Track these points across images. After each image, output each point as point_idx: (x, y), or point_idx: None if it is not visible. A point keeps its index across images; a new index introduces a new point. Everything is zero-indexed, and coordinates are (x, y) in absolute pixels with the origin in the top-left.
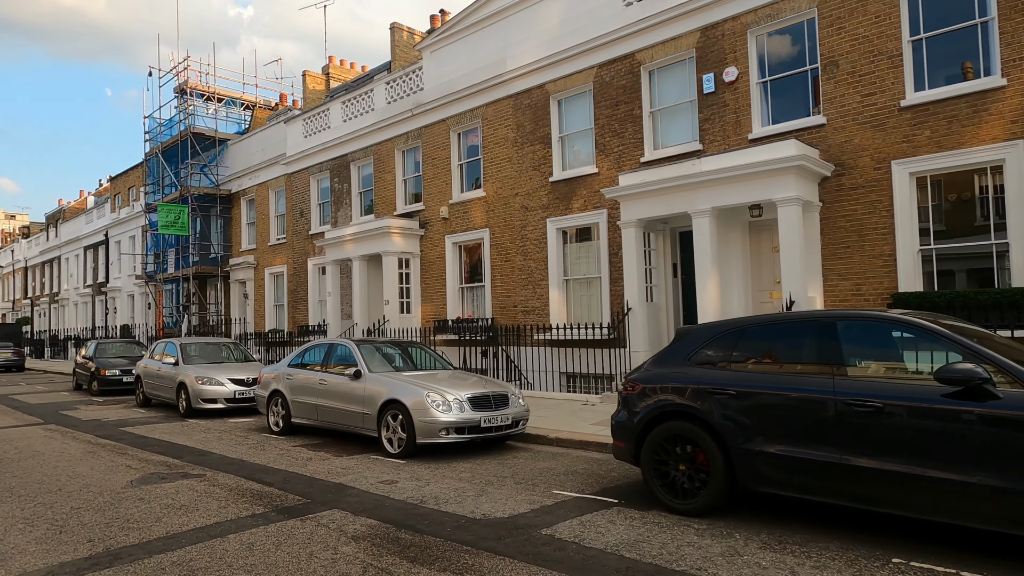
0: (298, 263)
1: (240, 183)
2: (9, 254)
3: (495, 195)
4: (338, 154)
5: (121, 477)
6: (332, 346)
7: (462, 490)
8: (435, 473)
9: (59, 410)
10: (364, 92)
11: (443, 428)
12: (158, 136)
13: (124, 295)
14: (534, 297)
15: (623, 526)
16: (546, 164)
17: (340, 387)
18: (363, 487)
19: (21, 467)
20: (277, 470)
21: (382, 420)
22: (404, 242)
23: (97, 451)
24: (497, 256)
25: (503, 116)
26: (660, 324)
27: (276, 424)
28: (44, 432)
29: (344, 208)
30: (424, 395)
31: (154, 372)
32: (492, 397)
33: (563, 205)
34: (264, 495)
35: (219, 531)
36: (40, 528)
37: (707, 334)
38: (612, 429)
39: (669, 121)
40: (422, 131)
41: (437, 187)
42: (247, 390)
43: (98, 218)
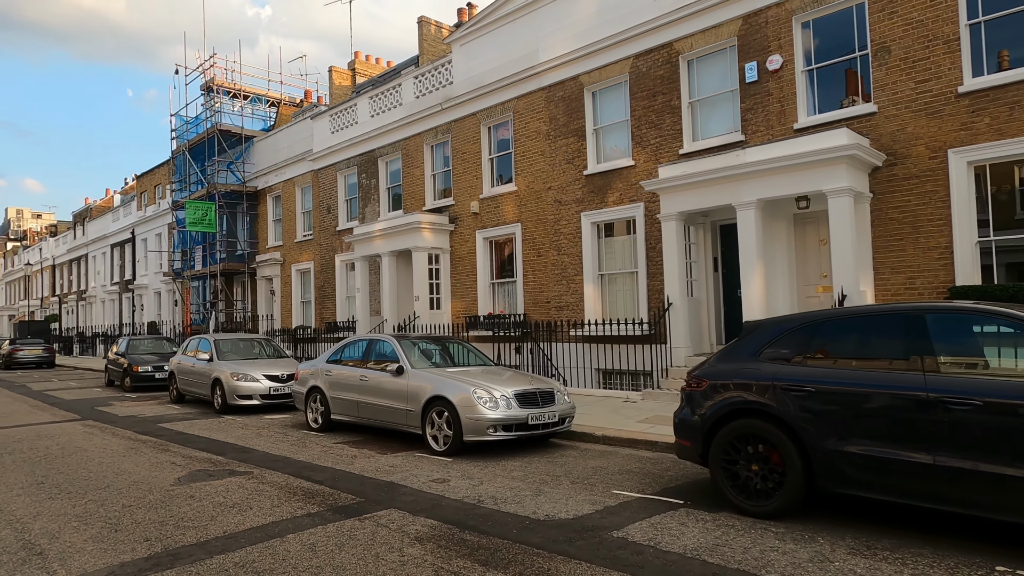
0: (325, 259)
1: (266, 180)
2: (37, 252)
3: (527, 189)
4: (365, 149)
5: (167, 474)
6: (372, 342)
7: (518, 490)
8: (486, 472)
9: (95, 406)
10: (392, 87)
11: (491, 425)
12: (184, 134)
13: (151, 292)
14: (568, 292)
15: (696, 529)
16: (580, 157)
17: (382, 383)
18: (415, 486)
19: (66, 463)
20: (324, 468)
21: (426, 417)
22: (434, 237)
23: (139, 447)
24: (529, 251)
25: (535, 109)
26: (701, 319)
27: (315, 421)
28: (83, 428)
29: (372, 204)
30: (471, 391)
31: (188, 368)
32: (539, 394)
33: (598, 199)
34: (316, 493)
35: (277, 531)
36: (94, 526)
37: (780, 328)
38: (675, 427)
39: (709, 112)
40: (451, 125)
41: (467, 182)
42: (282, 386)
43: (124, 216)
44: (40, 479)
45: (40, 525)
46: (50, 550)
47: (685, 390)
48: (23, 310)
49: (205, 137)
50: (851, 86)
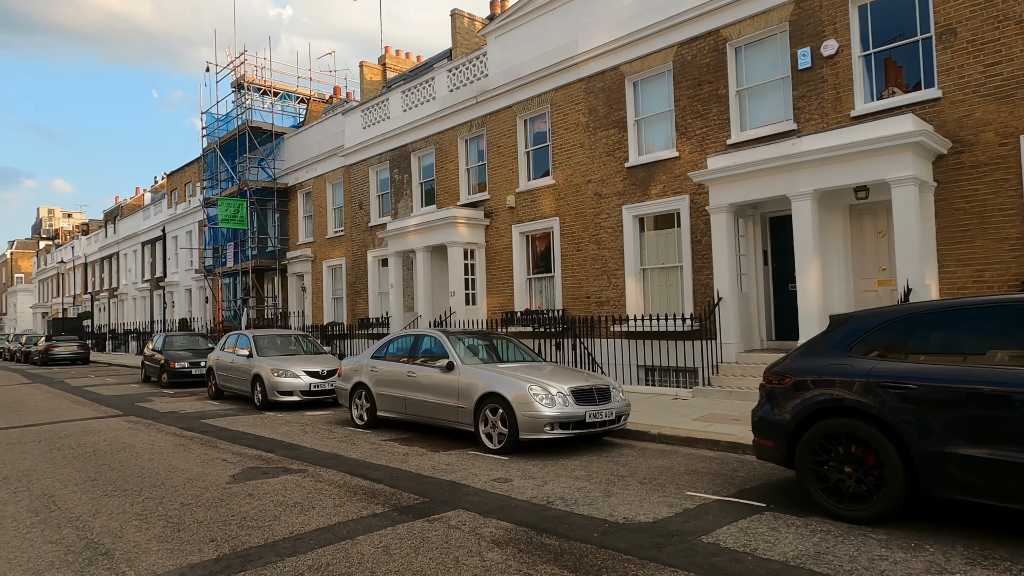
0: (357, 255)
1: (296, 176)
2: (69, 250)
3: (565, 182)
4: (398, 144)
5: (220, 471)
6: (419, 338)
7: (586, 490)
8: (547, 471)
9: (135, 402)
10: (425, 81)
11: (548, 423)
12: (215, 131)
13: (181, 289)
14: (608, 287)
15: (790, 535)
16: (621, 149)
17: (431, 380)
18: (478, 485)
19: (116, 459)
20: (378, 466)
21: (479, 414)
22: (469, 232)
23: (186, 444)
24: (568, 245)
25: (574, 100)
26: (750, 314)
27: (360, 417)
28: (127, 424)
29: (404, 199)
30: (527, 388)
31: (227, 364)
32: (595, 391)
33: (640, 191)
34: (376, 493)
35: (346, 532)
36: (156, 525)
37: (873, 321)
38: (754, 426)
39: (758, 100)
40: (486, 119)
41: (503, 176)
42: (322, 382)
43: (155, 214)
44: (93, 475)
45: (101, 523)
46: (115, 550)
47: (765, 387)
48: (56, 307)
49: (236, 134)
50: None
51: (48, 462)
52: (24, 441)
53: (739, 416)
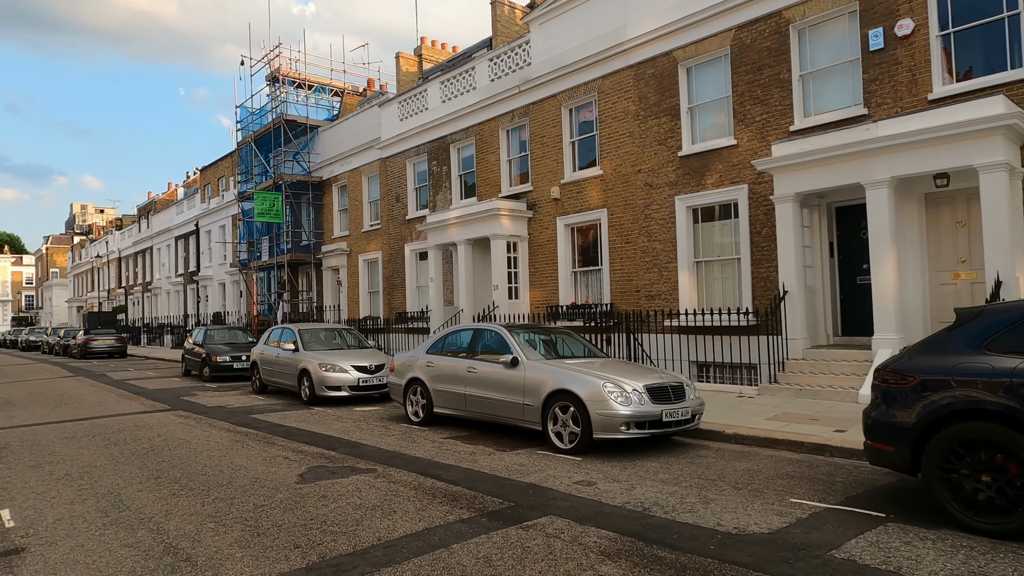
0: (394, 249)
1: (331, 169)
2: (103, 245)
3: (614, 173)
4: (436, 136)
5: (285, 470)
6: (477, 332)
7: (680, 496)
8: (628, 474)
9: (180, 396)
10: (464, 71)
11: (624, 423)
12: (249, 125)
13: (215, 283)
14: (660, 281)
15: (929, 550)
16: (673, 137)
17: (494, 376)
18: (561, 489)
19: (175, 456)
20: (449, 466)
21: (548, 412)
22: (512, 225)
23: (243, 440)
24: (616, 238)
25: (623, 88)
26: (816, 309)
27: (415, 414)
28: (177, 419)
29: (443, 192)
30: (601, 385)
31: (272, 359)
32: (670, 388)
33: (694, 181)
34: (457, 496)
35: (437, 540)
36: (234, 528)
37: (1011, 316)
38: (867, 429)
39: (823, 84)
40: (529, 108)
41: (546, 166)
42: (370, 377)
43: (188, 209)
44: (155, 473)
45: (175, 525)
46: (196, 555)
47: (880, 387)
48: (91, 302)
49: (271, 127)
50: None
51: (106, 458)
52: (78, 436)
53: (816, 415)
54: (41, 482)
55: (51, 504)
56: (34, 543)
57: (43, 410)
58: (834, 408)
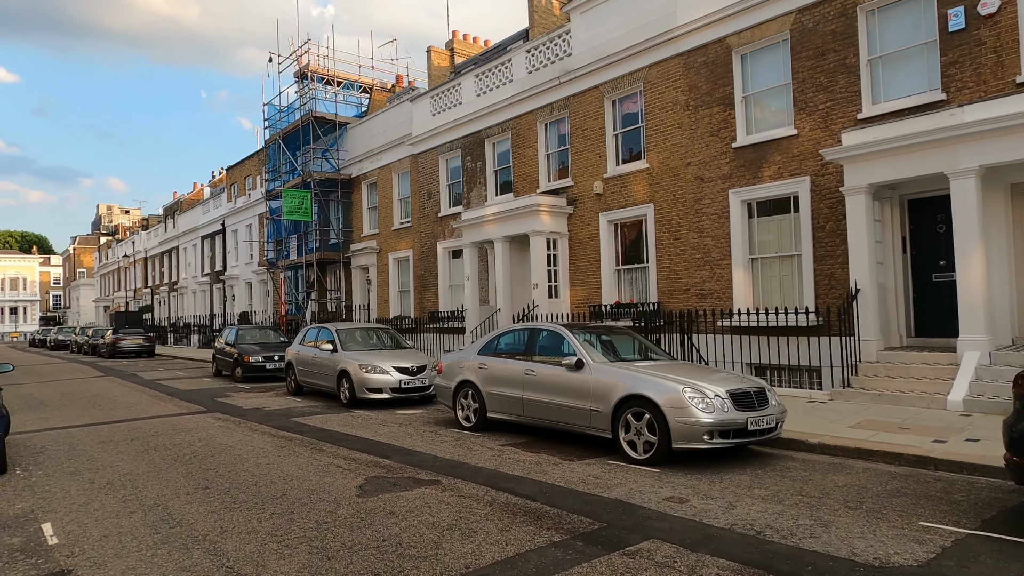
0: (426, 247)
1: (360, 167)
2: (130, 245)
3: (661, 166)
4: (470, 131)
5: (341, 481)
6: (535, 332)
7: (792, 517)
8: (719, 489)
9: (214, 397)
10: (500, 63)
11: (707, 431)
12: (277, 123)
13: (241, 283)
14: (712, 279)
15: None
16: (727, 128)
17: (555, 379)
18: (652, 506)
19: (220, 463)
20: (518, 478)
21: (619, 419)
22: (552, 221)
23: (288, 446)
24: (664, 234)
25: (671, 77)
26: (887, 308)
27: (466, 418)
28: (215, 421)
29: (477, 188)
30: (680, 391)
31: (309, 359)
32: (754, 393)
33: (749, 174)
34: (539, 514)
35: (533, 568)
36: (299, 551)
37: None
38: (1012, 444)
39: (894, 69)
40: (569, 100)
41: (588, 160)
42: (412, 379)
43: (214, 208)
44: (202, 482)
45: (233, 545)
46: None
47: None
48: (117, 301)
49: (300, 124)
50: None
51: (148, 464)
52: (116, 439)
53: (905, 424)
54: (82, 491)
55: (95, 518)
56: (81, 564)
57: (77, 411)
58: (921, 416)
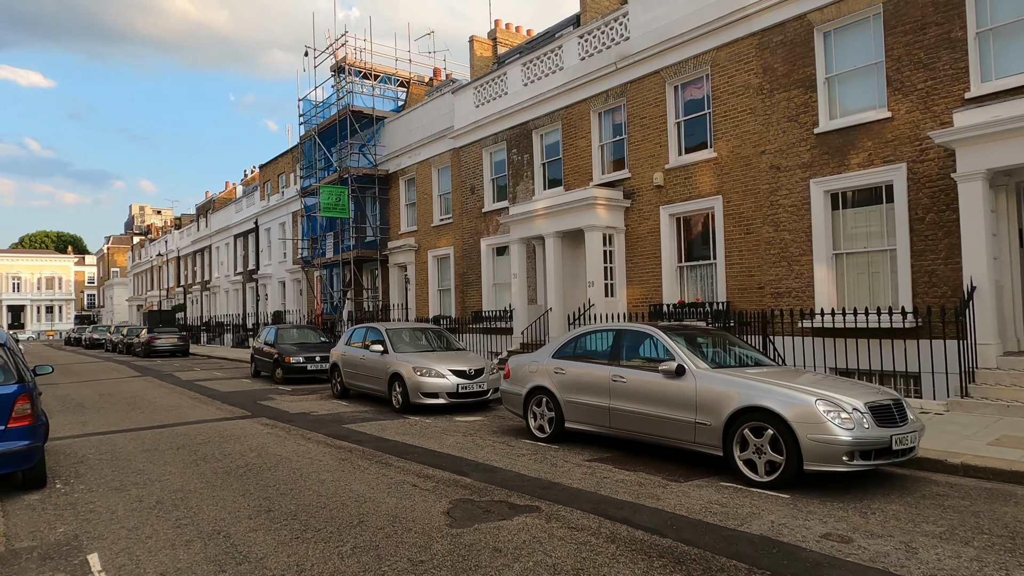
0: (468, 244)
1: (398, 162)
2: (163, 244)
3: (731, 155)
4: (517, 122)
5: (423, 504)
6: (621, 334)
7: (999, 565)
8: (877, 523)
9: (256, 400)
10: (549, 51)
11: (847, 451)
12: (313, 118)
13: (275, 281)
14: (790, 276)
15: None
16: (807, 113)
17: (651, 387)
18: (812, 547)
19: (278, 479)
20: (627, 504)
21: (733, 434)
22: (608, 215)
23: (350, 459)
24: (734, 228)
25: (742, 59)
26: (1003, 308)
27: (540, 428)
28: (263, 428)
29: (524, 182)
30: (813, 403)
31: (356, 361)
32: (894, 406)
33: (834, 162)
34: (678, 555)
35: None
36: None
37: None
38: None
39: (1008, 43)
40: (626, 87)
41: (647, 150)
42: (470, 383)
43: (247, 207)
44: (264, 504)
45: None
46: None
47: None
48: (150, 300)
49: (336, 119)
50: None
51: (199, 479)
52: (160, 447)
53: None
54: (130, 512)
55: (148, 547)
56: None
57: (116, 415)
58: None
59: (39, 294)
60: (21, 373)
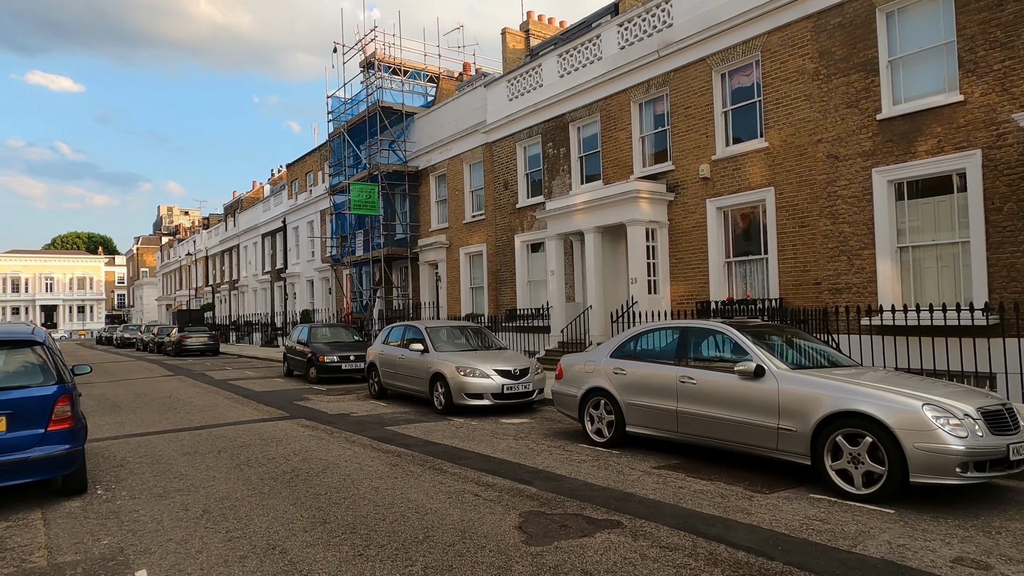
0: (501, 240)
1: (429, 158)
2: (191, 244)
3: (783, 144)
4: (552, 115)
5: (490, 517)
6: (687, 331)
7: None
8: (1007, 545)
9: (292, 400)
10: (587, 40)
11: (961, 462)
12: (342, 115)
13: (303, 280)
14: (849, 271)
15: None
16: (869, 98)
17: (725, 389)
18: (942, 572)
19: (330, 486)
20: (718, 519)
21: (824, 442)
22: (651, 209)
23: (401, 464)
24: (787, 220)
25: (796, 43)
26: None
27: (598, 432)
28: (304, 430)
29: (560, 176)
30: (920, 408)
31: (395, 360)
32: (1006, 412)
33: (899, 149)
34: None
35: None
36: None
37: None
38: None
39: None
40: (670, 76)
41: (692, 141)
42: (515, 384)
43: (275, 206)
44: (318, 513)
45: None
46: None
47: None
48: (179, 299)
49: (366, 116)
50: None
51: (245, 485)
52: (200, 451)
53: None
54: (176, 522)
55: (200, 564)
56: None
57: (153, 415)
58: None
59: (71, 294)
60: (61, 373)
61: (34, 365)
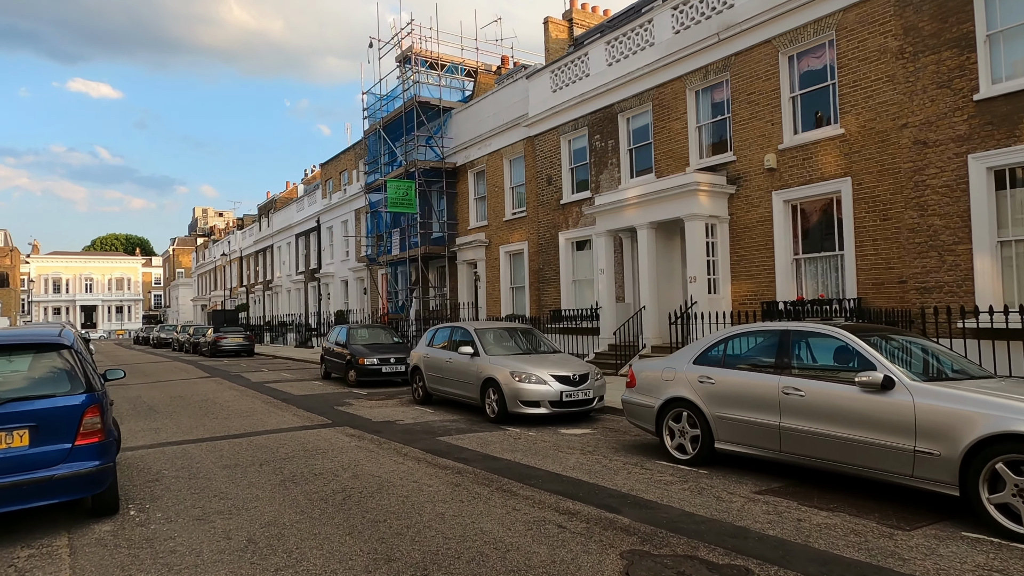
0: (544, 238)
1: (467, 154)
2: (226, 245)
3: (862, 130)
4: (599, 106)
5: (586, 560)
6: (788, 334)
7: None
8: None
9: (333, 405)
10: (637, 26)
11: None
12: (377, 112)
13: (337, 280)
14: (940, 268)
15: None
16: (963, 77)
17: (843, 403)
18: None
19: (388, 512)
20: (867, 566)
21: (978, 469)
22: (711, 203)
23: (463, 483)
24: (867, 214)
25: (876, 20)
26: None
27: (680, 448)
28: (349, 440)
29: (608, 170)
30: None
31: (441, 364)
32: None
33: (1000, 133)
34: None
35: None
36: None
37: None
38: None
39: None
40: (730, 61)
41: (756, 129)
42: (574, 391)
43: (308, 205)
44: (380, 548)
45: None
46: None
47: None
48: (214, 300)
49: (402, 112)
50: None
51: (292, 508)
52: (241, 463)
53: None
54: (218, 555)
55: None
56: None
57: (189, 420)
58: None
59: (109, 295)
60: (90, 380)
61: (60, 371)
